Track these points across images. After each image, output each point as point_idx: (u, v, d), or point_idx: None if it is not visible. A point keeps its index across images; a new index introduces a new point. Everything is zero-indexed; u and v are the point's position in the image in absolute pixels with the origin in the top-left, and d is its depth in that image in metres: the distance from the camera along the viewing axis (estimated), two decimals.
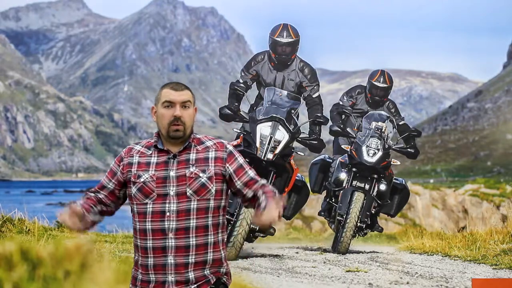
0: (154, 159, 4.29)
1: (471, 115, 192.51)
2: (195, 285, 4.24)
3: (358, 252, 11.81)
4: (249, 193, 4.33)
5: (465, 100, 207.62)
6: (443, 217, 33.83)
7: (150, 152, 4.31)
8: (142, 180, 4.25)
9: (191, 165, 4.26)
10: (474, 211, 33.58)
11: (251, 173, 4.35)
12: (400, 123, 12.15)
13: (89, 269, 3.96)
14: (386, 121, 11.85)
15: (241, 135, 10.83)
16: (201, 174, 4.24)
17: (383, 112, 12.01)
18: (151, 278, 4.25)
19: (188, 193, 4.22)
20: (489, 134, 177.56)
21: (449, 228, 21.69)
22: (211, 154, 4.30)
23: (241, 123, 11.12)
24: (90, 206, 4.34)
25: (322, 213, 12.21)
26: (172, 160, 4.26)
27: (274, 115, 10.66)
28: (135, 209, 4.29)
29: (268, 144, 10.55)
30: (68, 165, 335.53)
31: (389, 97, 12.40)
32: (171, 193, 4.22)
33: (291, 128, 10.69)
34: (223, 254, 4.34)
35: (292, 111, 10.83)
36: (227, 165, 4.30)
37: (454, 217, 34.11)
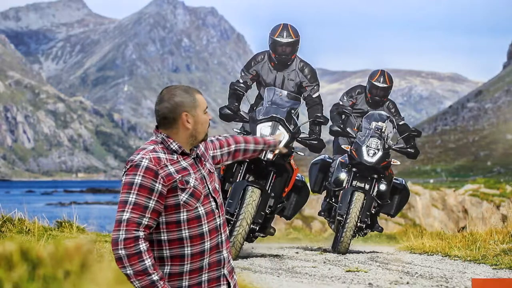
0: (184, 163, 4.22)
1: (471, 115, 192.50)
2: (234, 276, 4.34)
3: (358, 252, 11.81)
4: (232, 147, 4.68)
5: (465, 100, 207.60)
6: (443, 217, 33.82)
7: (175, 157, 4.21)
8: (192, 184, 4.17)
9: (205, 162, 4.35)
10: (474, 211, 33.58)
11: (222, 138, 4.64)
12: (400, 123, 12.15)
13: (89, 269, 3.96)
14: (386, 121, 11.85)
15: (241, 135, 10.83)
16: (213, 167, 4.41)
17: (383, 112, 12.01)
18: (203, 278, 4.20)
19: (217, 187, 4.32)
20: (489, 134, 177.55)
21: (449, 228, 21.69)
22: (201, 146, 4.40)
23: (241, 123, 11.12)
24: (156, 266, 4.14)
25: (322, 213, 12.22)
26: (197, 160, 4.30)
27: (274, 115, 10.66)
28: (185, 216, 4.15)
29: None
30: (68, 165, 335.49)
31: (389, 97, 12.41)
32: (210, 190, 4.26)
33: (291, 128, 10.69)
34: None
35: (292, 111, 10.83)
36: (213, 149, 4.52)
37: (454, 217, 34.11)
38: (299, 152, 11.15)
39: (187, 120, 4.20)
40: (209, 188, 4.24)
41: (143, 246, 3.96)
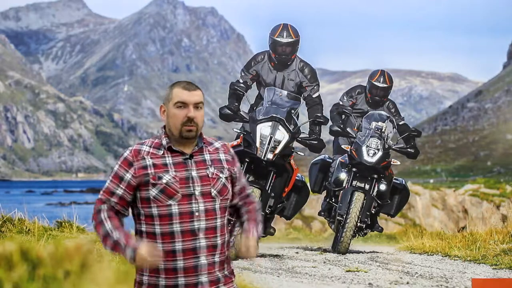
0: (169, 160, 4.22)
1: (471, 115, 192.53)
2: (223, 285, 4.25)
3: (358, 252, 11.81)
4: (236, 200, 4.39)
5: (465, 100, 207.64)
6: (443, 217, 33.83)
7: (162, 152, 4.23)
8: (164, 181, 4.16)
9: (209, 166, 4.24)
10: (474, 211, 33.58)
11: (244, 179, 4.42)
12: (400, 123, 12.15)
13: (89, 269, 3.96)
14: (386, 121, 11.85)
15: (241, 135, 10.84)
16: (220, 175, 4.25)
17: (383, 112, 12.01)
18: (180, 282, 4.17)
19: (212, 193, 4.21)
20: (489, 134, 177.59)
21: (449, 228, 21.70)
22: (222, 156, 4.31)
23: (241, 123, 11.12)
24: (120, 224, 4.22)
25: (322, 213, 12.21)
26: (189, 160, 4.22)
27: (274, 115, 10.66)
28: (155, 212, 4.19)
29: (268, 144, 10.55)
30: (68, 165, 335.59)
31: (389, 97, 12.41)
32: (196, 193, 4.18)
33: (291, 128, 10.69)
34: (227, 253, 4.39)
35: (292, 111, 10.83)
36: (234, 167, 4.34)
37: (454, 217, 34.11)
38: (299, 152, 11.15)
39: (161, 112, 4.30)
40: (195, 190, 4.18)
41: (104, 214, 4.17)
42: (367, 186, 11.65)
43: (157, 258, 4.05)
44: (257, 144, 10.54)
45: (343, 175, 11.78)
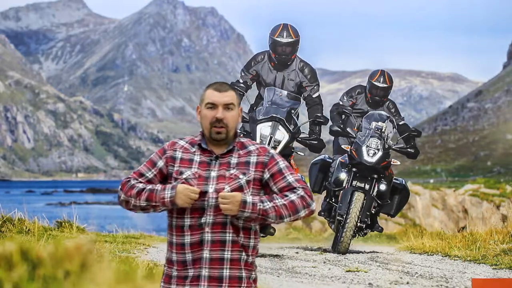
0: (197, 157, 4.29)
1: (471, 115, 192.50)
2: (227, 285, 4.22)
3: (358, 252, 11.81)
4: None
5: (465, 100, 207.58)
6: (443, 217, 33.83)
7: (194, 149, 4.31)
8: (184, 176, 4.25)
9: (231, 168, 4.26)
10: (474, 211, 33.58)
11: (290, 178, 4.34)
12: (400, 123, 12.15)
13: (89, 269, 3.96)
14: (386, 121, 11.85)
15: (241, 135, 10.83)
16: (240, 176, 4.24)
17: (383, 112, 12.01)
18: (189, 273, 4.23)
19: (225, 190, 4.22)
20: (489, 134, 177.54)
21: (449, 228, 21.70)
22: (253, 159, 4.30)
23: (241, 123, 11.12)
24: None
25: (322, 213, 12.21)
26: (214, 161, 4.26)
27: (274, 115, 10.66)
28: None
29: (268, 144, 10.56)
30: (68, 165, 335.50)
31: (389, 97, 12.41)
32: (210, 190, 4.22)
33: (291, 128, 10.69)
34: (253, 260, 4.32)
35: (292, 111, 10.83)
36: (266, 169, 4.29)
37: (454, 217, 34.11)
38: (299, 152, 11.15)
39: (197, 113, 4.35)
40: (209, 188, 4.21)
41: (134, 181, 4.29)
42: (367, 186, 11.65)
43: (194, 195, 4.15)
44: None
45: (343, 175, 11.78)
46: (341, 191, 11.68)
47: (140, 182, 4.30)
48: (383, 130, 11.71)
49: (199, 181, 4.22)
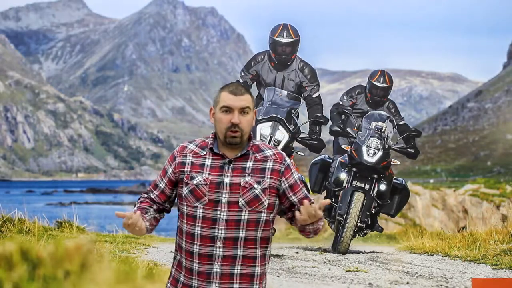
0: (208, 162, 4.14)
1: (471, 115, 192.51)
2: None
3: (358, 252, 11.81)
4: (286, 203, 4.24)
5: (465, 100, 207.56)
6: (443, 217, 33.83)
7: (204, 153, 4.16)
8: (195, 182, 4.11)
9: (246, 174, 4.10)
10: (474, 211, 33.58)
11: (305, 190, 4.25)
12: (400, 123, 12.15)
13: (89, 269, 3.96)
14: (386, 121, 11.85)
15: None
16: (255, 185, 4.09)
17: (383, 112, 12.01)
18: (194, 284, 4.12)
19: (240, 203, 4.08)
20: (489, 134, 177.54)
21: (449, 228, 21.69)
22: (269, 165, 4.14)
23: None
24: (143, 208, 4.23)
25: (322, 213, 12.20)
26: (227, 166, 4.11)
27: (274, 115, 10.66)
28: (185, 210, 4.16)
29: (268, 144, 10.55)
30: (68, 165, 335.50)
31: (389, 97, 12.41)
32: (223, 200, 4.07)
33: (291, 128, 10.69)
34: (266, 268, 4.23)
35: (292, 111, 10.83)
36: (284, 179, 4.16)
37: (454, 217, 34.11)
38: (299, 152, 11.15)
39: (210, 115, 4.21)
40: (222, 197, 4.08)
41: (140, 199, 4.27)
42: (367, 186, 11.65)
43: (127, 228, 4.11)
44: None
45: (343, 175, 11.78)
46: (341, 191, 11.68)
47: (152, 199, 4.26)
48: (383, 130, 11.72)
49: (210, 188, 4.08)
